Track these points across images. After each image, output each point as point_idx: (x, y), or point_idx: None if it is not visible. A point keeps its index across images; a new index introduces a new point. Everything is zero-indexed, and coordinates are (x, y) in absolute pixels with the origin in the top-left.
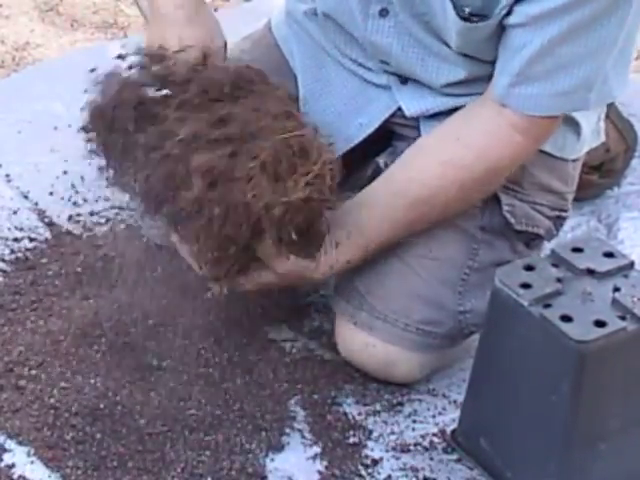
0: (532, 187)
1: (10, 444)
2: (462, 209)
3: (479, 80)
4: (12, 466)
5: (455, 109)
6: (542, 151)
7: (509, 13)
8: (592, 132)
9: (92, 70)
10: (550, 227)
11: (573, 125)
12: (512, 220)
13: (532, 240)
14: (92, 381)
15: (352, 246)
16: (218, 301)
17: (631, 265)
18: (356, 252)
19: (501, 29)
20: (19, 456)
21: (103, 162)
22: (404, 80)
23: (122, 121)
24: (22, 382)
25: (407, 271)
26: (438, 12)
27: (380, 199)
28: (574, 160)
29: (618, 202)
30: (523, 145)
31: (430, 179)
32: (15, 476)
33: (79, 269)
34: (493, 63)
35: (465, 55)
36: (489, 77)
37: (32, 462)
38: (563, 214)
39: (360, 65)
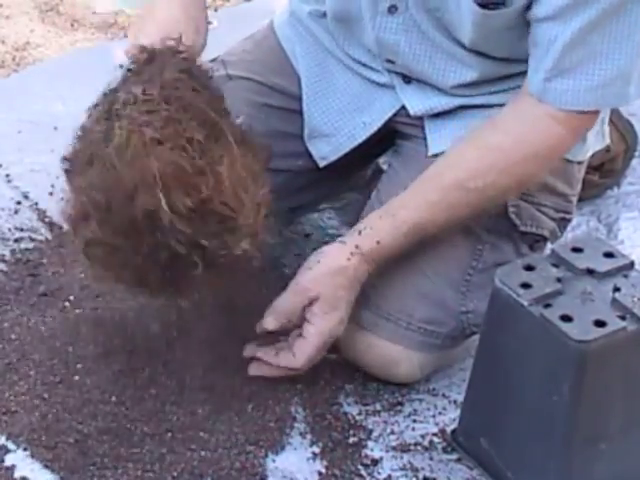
0: (537, 188)
1: (10, 445)
2: (499, 198)
3: (487, 82)
4: (13, 467)
5: (460, 108)
6: None
7: (529, 6)
8: (597, 135)
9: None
10: (554, 229)
11: None
12: (517, 221)
13: (536, 242)
14: (92, 381)
15: (383, 226)
16: (218, 301)
17: (631, 265)
18: (386, 232)
19: (520, 21)
20: (20, 457)
21: None
22: (408, 80)
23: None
24: (22, 383)
25: (412, 270)
26: (452, 4)
27: (416, 183)
28: (579, 163)
29: (618, 202)
30: (562, 135)
31: (467, 162)
32: (16, 477)
33: (79, 269)
34: (503, 61)
35: (476, 53)
36: (497, 79)
37: (32, 463)
38: (567, 216)
39: (364, 65)
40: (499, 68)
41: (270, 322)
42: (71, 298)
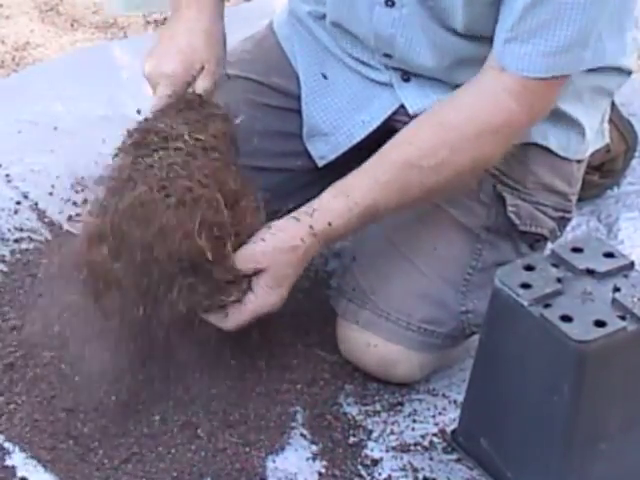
0: (536, 187)
1: (10, 446)
2: (453, 180)
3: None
4: (13, 468)
5: None
6: (546, 151)
7: None
8: (596, 133)
9: None
10: (554, 228)
11: (576, 126)
12: (517, 221)
13: (536, 242)
14: (93, 382)
15: (335, 207)
16: None
17: (631, 265)
18: (339, 213)
19: None
20: (20, 458)
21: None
22: (406, 78)
23: None
24: (22, 383)
25: (411, 269)
26: None
27: (370, 161)
28: (578, 161)
29: (618, 202)
30: (516, 112)
31: (420, 140)
32: (16, 478)
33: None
34: None
35: (470, 38)
36: None
37: (33, 465)
38: (567, 215)
39: (363, 63)
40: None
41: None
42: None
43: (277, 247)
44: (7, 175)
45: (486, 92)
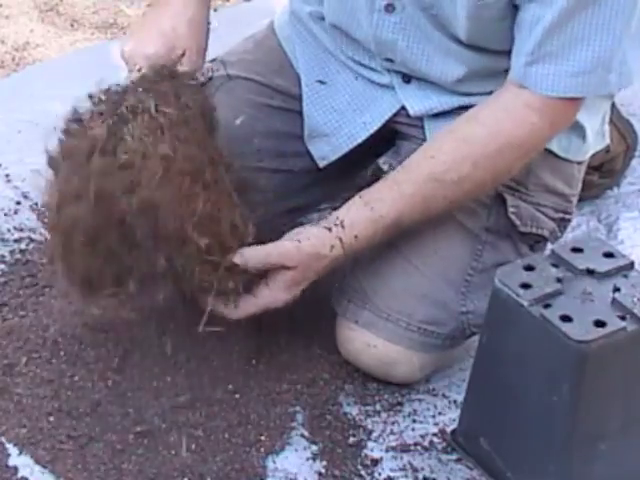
0: (537, 188)
1: (11, 447)
2: (476, 192)
3: (485, 78)
4: (14, 469)
5: (460, 108)
6: (547, 152)
7: None
8: (597, 134)
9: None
10: (554, 229)
11: (577, 128)
12: (517, 222)
13: (536, 242)
14: (93, 382)
15: (361, 220)
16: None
17: (631, 265)
18: (365, 226)
19: (512, 11)
20: (20, 459)
21: None
22: (407, 79)
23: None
24: (22, 384)
25: (412, 270)
26: (445, 0)
27: (393, 175)
28: (579, 163)
29: (618, 202)
30: (538, 126)
31: (443, 155)
32: (17, 478)
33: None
34: (500, 54)
35: (473, 48)
36: (495, 74)
37: (33, 465)
38: (567, 216)
39: (363, 66)
40: (494, 63)
41: (239, 259)
42: (71, 299)
43: (309, 252)
44: (7, 175)
45: (508, 107)
